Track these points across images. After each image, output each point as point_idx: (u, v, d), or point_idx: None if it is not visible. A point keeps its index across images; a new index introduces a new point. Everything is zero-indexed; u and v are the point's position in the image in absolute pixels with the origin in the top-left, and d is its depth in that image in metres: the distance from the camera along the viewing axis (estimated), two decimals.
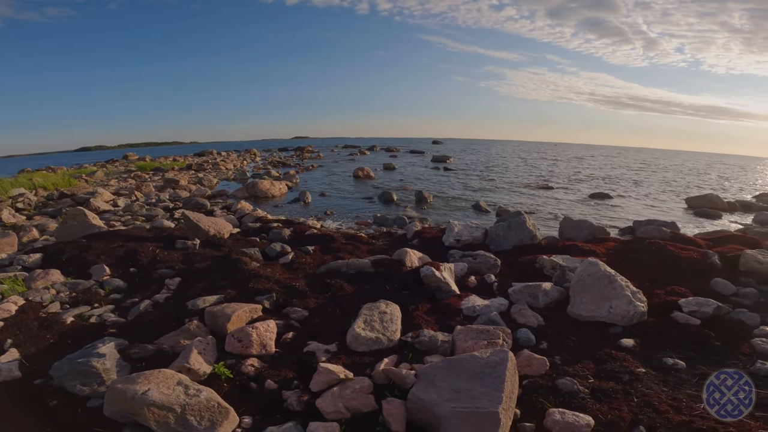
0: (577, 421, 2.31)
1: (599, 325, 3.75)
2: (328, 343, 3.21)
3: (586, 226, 6.67)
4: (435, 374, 2.51)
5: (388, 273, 4.65)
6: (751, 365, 3.10)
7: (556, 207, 12.27)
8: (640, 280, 4.57)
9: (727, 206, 13.12)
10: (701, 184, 21.48)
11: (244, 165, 26.13)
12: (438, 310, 3.92)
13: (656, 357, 3.22)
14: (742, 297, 4.52)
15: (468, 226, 6.50)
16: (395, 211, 10.25)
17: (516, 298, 4.19)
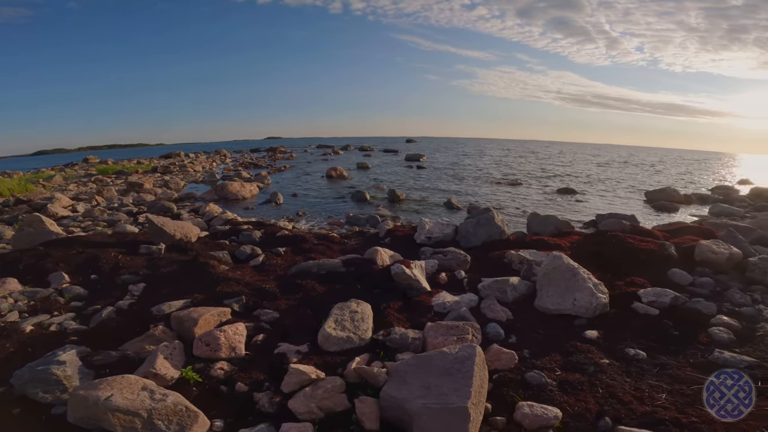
0: (545, 413, 2.38)
1: (565, 317, 3.86)
2: (299, 344, 3.19)
3: (552, 220, 6.89)
4: (406, 371, 2.52)
5: (359, 272, 4.66)
6: (709, 354, 3.23)
7: (525, 203, 12.61)
8: (602, 272, 4.74)
9: (684, 199, 13.85)
10: (660, 178, 22.57)
11: (214, 167, 25.45)
12: (409, 308, 3.96)
13: (619, 348, 3.33)
14: (699, 286, 4.76)
15: (439, 223, 6.59)
16: (368, 210, 10.26)
17: (485, 293, 4.28)
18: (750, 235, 6.93)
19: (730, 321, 3.83)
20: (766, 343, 3.54)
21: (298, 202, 11.85)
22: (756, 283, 4.99)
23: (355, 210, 10.49)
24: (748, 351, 3.34)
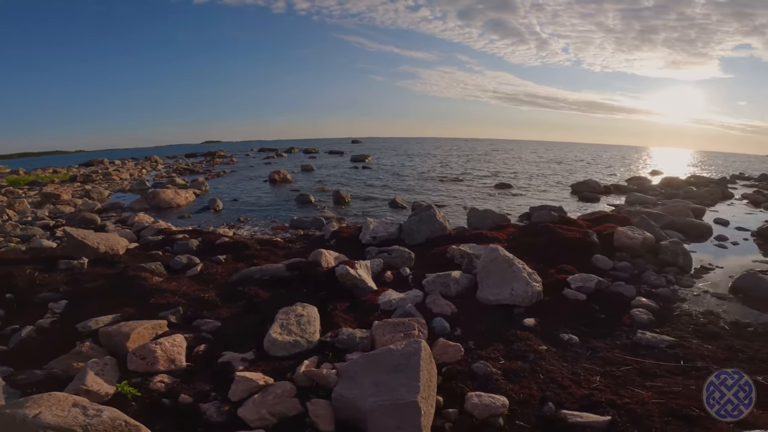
0: (493, 402, 2.47)
1: (504, 307, 4.04)
2: (244, 352, 3.10)
3: (490, 215, 7.24)
4: (356, 371, 2.53)
5: (304, 275, 4.60)
6: (633, 335, 3.54)
7: (465, 198, 13.12)
8: (536, 261, 5.05)
9: (604, 190, 15.23)
10: (583, 171, 24.56)
11: (143, 174, 23.69)
12: (356, 308, 3.96)
13: (554, 334, 3.55)
14: (619, 270, 5.22)
15: (383, 222, 6.66)
16: (313, 213, 10.11)
17: (430, 288, 4.38)
18: (661, 221, 7.75)
19: (648, 302, 4.22)
20: (682, 322, 3.95)
21: (239, 208, 11.39)
22: (669, 264, 5.59)
23: (300, 213, 10.30)
24: (667, 330, 3.71)
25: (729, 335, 3.66)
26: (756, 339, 3.60)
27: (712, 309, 4.31)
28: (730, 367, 3.02)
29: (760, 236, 8.21)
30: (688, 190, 14.70)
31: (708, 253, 6.88)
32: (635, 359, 3.15)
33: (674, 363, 3.11)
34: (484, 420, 2.40)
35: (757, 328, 3.81)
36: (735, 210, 12.15)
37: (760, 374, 2.88)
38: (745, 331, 3.79)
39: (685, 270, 5.52)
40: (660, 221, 7.58)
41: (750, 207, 12.99)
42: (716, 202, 13.52)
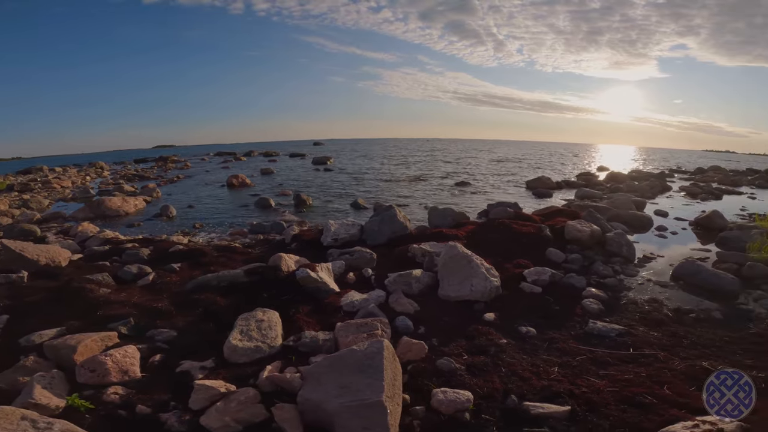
0: (458, 397, 2.52)
1: (465, 303, 4.14)
2: (203, 360, 3.03)
3: (450, 213, 7.40)
4: (320, 373, 2.51)
5: (264, 280, 4.52)
6: (585, 325, 3.71)
7: (426, 197, 13.31)
8: (494, 256, 5.22)
9: (556, 185, 16.02)
10: (537, 168, 25.65)
11: (87, 181, 22.22)
12: (319, 310, 3.93)
13: (513, 327, 3.66)
14: (571, 263, 5.48)
15: (345, 224, 6.63)
16: (273, 217, 9.89)
17: (392, 287, 4.41)
18: (607, 214, 8.24)
19: (598, 292, 4.45)
20: (629, 310, 4.18)
21: (194, 214, 10.94)
22: (615, 255, 5.94)
23: (260, 218, 10.05)
24: (617, 319, 3.92)
25: (672, 322, 3.91)
26: (697, 325, 3.86)
27: (655, 297, 4.60)
28: (675, 352, 3.25)
29: (697, 226, 8.91)
30: (631, 185, 15.74)
31: (650, 243, 7.38)
32: (589, 349, 3.30)
33: (624, 351, 3.27)
34: (451, 415, 2.45)
35: (698, 315, 4.09)
36: (673, 202, 13.14)
37: (705, 359, 3.10)
38: (687, 317, 4.05)
39: (630, 260, 5.89)
40: (606, 214, 8.06)
41: (687, 198, 14.10)
42: (656, 194, 14.58)
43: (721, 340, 3.51)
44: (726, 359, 3.14)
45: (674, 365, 3.02)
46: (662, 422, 2.30)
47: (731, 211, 11.09)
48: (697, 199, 14.08)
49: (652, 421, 2.33)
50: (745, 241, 6.46)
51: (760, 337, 3.52)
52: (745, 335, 3.60)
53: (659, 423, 2.30)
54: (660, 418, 2.36)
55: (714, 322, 3.96)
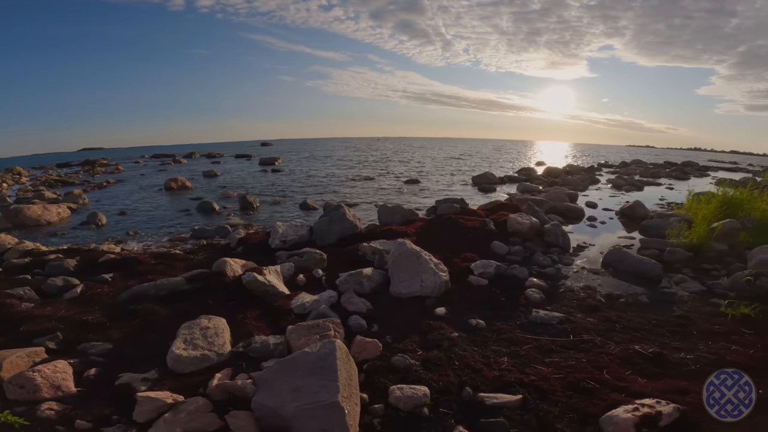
0: (415, 393, 2.53)
1: (417, 299, 4.19)
2: (145, 372, 2.87)
3: (399, 210, 7.48)
4: (273, 378, 2.44)
5: (208, 287, 4.31)
6: (529, 315, 3.86)
7: (376, 195, 13.38)
8: (442, 252, 5.33)
9: (499, 180, 16.82)
10: (482, 164, 26.74)
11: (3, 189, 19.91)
12: (269, 314, 3.82)
13: (464, 320, 3.74)
14: (514, 254, 5.73)
15: (293, 225, 6.47)
16: (217, 221, 9.44)
17: (344, 287, 4.38)
18: (544, 206, 8.74)
19: (539, 282, 4.67)
20: (567, 298, 4.41)
21: (127, 221, 10.16)
22: (552, 245, 6.30)
23: (202, 222, 9.55)
24: (557, 307, 4.11)
25: (605, 307, 4.17)
26: (628, 309, 4.15)
27: (589, 284, 4.91)
28: (610, 337, 3.45)
29: (622, 215, 9.72)
30: (565, 178, 16.91)
31: (583, 232, 7.93)
32: (534, 337, 3.43)
33: (565, 338, 3.44)
34: (410, 411, 2.46)
35: (628, 299, 4.41)
36: (602, 194, 14.25)
37: (636, 343, 3.32)
38: (618, 302, 4.35)
39: (566, 249, 6.29)
40: (544, 207, 8.56)
41: (613, 190, 15.36)
42: (587, 187, 15.77)
43: (650, 323, 3.78)
44: (655, 342, 3.39)
45: (610, 350, 3.22)
46: (606, 406, 2.44)
47: (651, 201, 12.23)
48: (621, 190, 15.40)
49: (597, 406, 2.47)
50: (664, 228, 7.14)
51: (684, 319, 3.85)
52: (670, 318, 3.91)
53: (603, 407, 2.43)
54: (603, 402, 2.49)
55: (642, 305, 4.28)
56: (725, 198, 7.52)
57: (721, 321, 3.79)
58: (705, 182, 19.69)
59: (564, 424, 2.34)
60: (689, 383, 2.69)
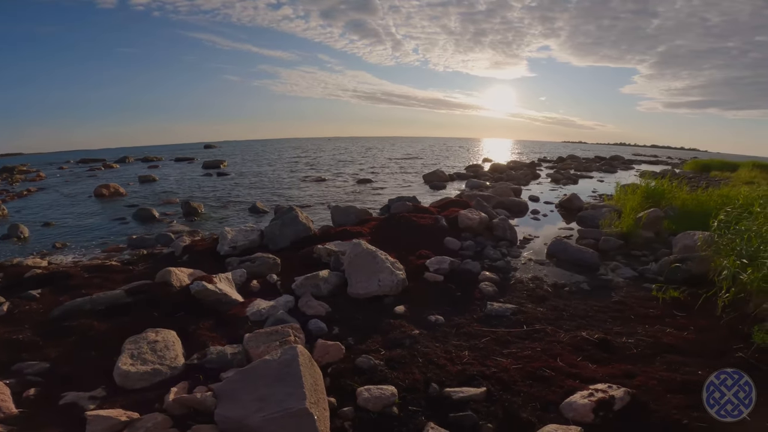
0: (383, 393, 2.53)
1: (376, 299, 4.20)
2: (90, 390, 2.70)
3: (352, 210, 7.45)
4: (234, 389, 2.36)
5: (152, 299, 4.04)
6: (484, 308, 4.00)
7: (329, 197, 13.22)
8: (398, 250, 5.38)
9: (449, 178, 17.32)
10: (433, 162, 27.37)
11: None
12: (223, 323, 3.66)
13: (423, 317, 3.80)
14: (466, 249, 5.91)
15: (243, 230, 6.23)
16: (158, 229, 8.85)
17: (300, 291, 4.29)
18: (492, 201, 9.11)
19: (491, 275, 4.86)
20: (518, 289, 4.62)
21: (53, 232, 9.24)
22: (501, 239, 6.58)
23: (140, 230, 8.90)
24: (509, 299, 4.30)
25: (552, 297, 4.42)
26: (572, 297, 4.43)
27: (536, 274, 5.19)
28: (559, 325, 3.65)
29: (561, 207, 10.38)
30: (510, 174, 17.76)
31: (528, 225, 8.37)
32: (491, 330, 3.56)
33: (520, 329, 3.60)
34: (380, 411, 2.46)
35: (572, 288, 4.71)
36: (542, 188, 15.12)
37: (583, 329, 3.53)
38: (563, 291, 4.63)
39: (513, 242, 6.60)
40: (491, 202, 8.93)
41: (552, 184, 16.37)
42: (529, 182, 16.70)
43: (593, 309, 4.06)
44: (599, 327, 3.63)
45: (561, 338, 3.41)
46: (564, 393, 2.58)
47: (586, 193, 13.17)
48: (559, 184, 16.47)
49: (556, 393, 2.60)
50: (598, 218, 7.71)
51: (622, 305, 4.17)
52: (609, 304, 4.22)
53: (562, 394, 2.57)
54: (561, 389, 2.64)
55: (584, 293, 4.59)
56: (649, 189, 8.27)
57: (654, 305, 4.15)
58: (630, 175, 21.58)
59: (528, 413, 2.45)
60: (634, 367, 2.91)
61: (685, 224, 6.54)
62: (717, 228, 4.82)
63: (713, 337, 3.39)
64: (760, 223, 4.13)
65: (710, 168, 23.43)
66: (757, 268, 3.48)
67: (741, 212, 4.90)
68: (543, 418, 2.40)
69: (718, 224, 4.87)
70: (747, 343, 3.16)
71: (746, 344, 3.16)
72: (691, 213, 7.06)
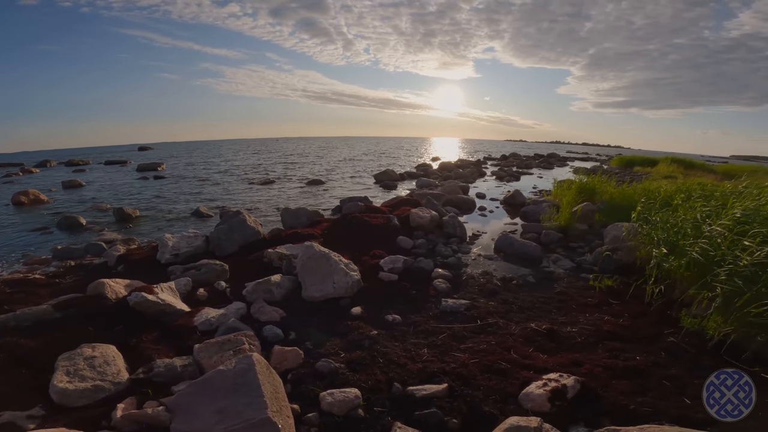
0: (347, 396, 2.49)
1: (331, 301, 4.15)
2: (27, 409, 2.49)
3: (303, 212, 7.30)
4: (189, 402, 2.24)
5: (85, 313, 3.71)
6: (439, 305, 4.07)
7: (279, 199, 12.87)
8: (351, 251, 5.36)
9: (400, 177, 17.54)
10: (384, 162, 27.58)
11: None
12: (169, 335, 3.44)
13: (380, 317, 3.80)
14: (418, 247, 6.01)
15: (185, 236, 5.88)
16: (87, 238, 8.12)
17: (252, 297, 4.15)
18: (441, 199, 9.34)
19: (444, 272, 4.96)
20: (470, 284, 4.75)
21: None
22: (451, 236, 6.76)
23: (66, 240, 8.12)
24: (462, 295, 4.41)
25: (502, 290, 4.60)
26: (520, 290, 4.64)
27: (486, 269, 5.38)
28: (510, 318, 3.80)
29: (505, 203, 10.88)
30: (458, 172, 18.34)
31: (476, 221, 8.68)
32: (447, 326, 3.63)
33: (474, 323, 3.71)
34: (346, 415, 2.43)
35: (519, 281, 4.93)
36: (488, 185, 15.79)
37: (531, 321, 3.70)
38: (511, 284, 4.83)
39: (463, 239, 6.81)
40: (441, 200, 9.16)
41: (497, 181, 17.16)
42: (476, 179, 17.37)
43: (539, 301, 4.28)
44: (546, 318, 3.83)
45: (512, 330, 3.55)
46: (520, 384, 2.69)
47: (527, 189, 13.93)
48: (503, 181, 17.31)
49: (513, 385, 2.70)
50: (539, 213, 8.19)
51: (564, 295, 4.43)
52: (553, 294, 4.47)
53: (518, 385, 2.68)
54: (517, 381, 2.74)
55: (531, 285, 4.83)
56: (581, 184, 8.92)
57: (592, 294, 4.46)
58: (565, 171, 23.15)
59: (490, 406, 2.52)
60: (580, 355, 3.10)
61: (614, 216, 7.12)
62: (637, 219, 5.30)
63: (646, 322, 3.67)
64: (679, 215, 4.56)
65: (633, 164, 25.73)
66: (678, 256, 3.84)
67: (659, 205, 5.41)
68: (504, 410, 2.47)
69: (638, 216, 5.35)
70: (677, 328, 3.45)
71: (676, 329, 3.45)
72: (619, 206, 7.69)
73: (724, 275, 3.20)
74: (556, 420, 2.32)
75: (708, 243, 3.60)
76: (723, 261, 3.31)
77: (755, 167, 19.16)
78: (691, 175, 15.53)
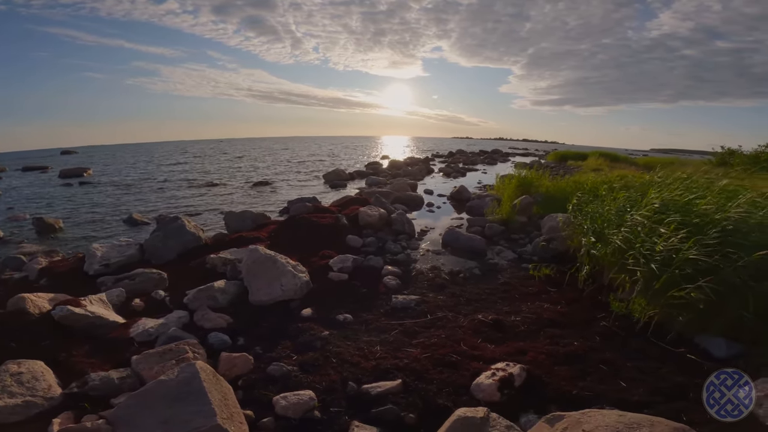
0: (301, 399, 2.45)
1: (280, 304, 4.05)
2: None
3: (249, 215, 7.06)
4: (131, 414, 2.14)
5: (7, 329, 3.37)
6: (390, 301, 4.10)
7: (222, 202, 12.34)
8: (299, 252, 5.26)
9: (349, 176, 17.49)
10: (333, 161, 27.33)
11: None
12: (102, 348, 3.22)
13: (331, 317, 3.76)
14: (368, 246, 6.02)
15: (116, 245, 5.47)
16: (3, 251, 7.32)
17: (195, 305, 3.96)
18: (390, 197, 9.45)
19: (393, 269, 5.01)
20: (419, 280, 4.83)
21: None
22: (400, 233, 6.85)
23: None
24: (412, 290, 4.48)
25: (450, 284, 4.72)
26: (466, 283, 4.78)
27: (434, 264, 5.50)
28: (458, 311, 3.90)
29: (452, 199, 11.23)
30: (407, 170, 18.64)
31: (424, 218, 8.88)
32: (398, 322, 3.66)
33: (424, 318, 3.76)
34: (302, 417, 2.40)
35: (465, 274, 5.08)
36: (436, 181, 16.19)
37: (479, 312, 3.81)
38: (459, 277, 4.97)
39: (412, 235, 6.93)
40: (390, 198, 9.26)
41: (444, 178, 17.66)
42: (424, 176, 17.76)
43: (484, 292, 4.43)
44: (492, 309, 3.97)
45: (461, 322, 3.65)
46: (471, 375, 2.76)
47: (473, 185, 14.46)
48: (450, 177, 17.85)
49: (464, 376, 2.77)
50: (483, 207, 8.54)
51: (508, 285, 4.63)
52: (497, 285, 4.65)
53: (469, 377, 2.75)
54: (468, 372, 2.82)
55: (476, 278, 5.00)
56: (521, 179, 9.41)
57: (532, 283, 4.69)
58: (508, 166, 24.31)
59: (444, 398, 2.57)
60: (524, 343, 3.24)
61: (550, 208, 7.59)
62: (572, 211, 5.69)
63: (580, 308, 3.91)
64: (604, 205, 4.93)
65: (567, 158, 27.62)
66: (605, 244, 4.15)
67: (590, 196, 5.84)
68: (457, 402, 2.53)
69: (572, 208, 5.74)
70: (608, 312, 3.70)
71: (607, 313, 3.69)
72: (554, 198, 8.21)
73: (633, 260, 3.44)
74: (507, 408, 2.39)
75: (629, 231, 3.88)
76: (642, 247, 3.55)
77: (672, 159, 21.30)
78: (616, 167, 16.93)
